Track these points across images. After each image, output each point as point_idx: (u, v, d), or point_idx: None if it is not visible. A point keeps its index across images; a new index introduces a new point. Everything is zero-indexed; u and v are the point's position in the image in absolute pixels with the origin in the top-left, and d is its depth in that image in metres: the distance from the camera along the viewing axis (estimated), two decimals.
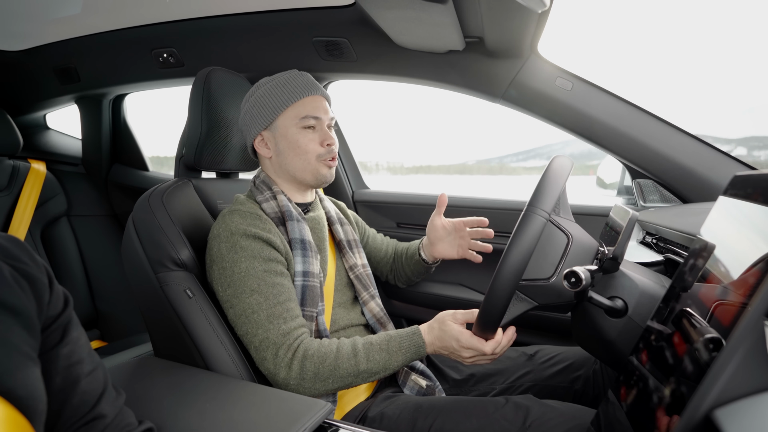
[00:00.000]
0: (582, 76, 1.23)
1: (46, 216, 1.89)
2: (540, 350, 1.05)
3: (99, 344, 1.94)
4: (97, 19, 1.48)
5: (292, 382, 0.80)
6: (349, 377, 0.81)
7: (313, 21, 1.32)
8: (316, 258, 0.93)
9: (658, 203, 1.26)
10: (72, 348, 0.52)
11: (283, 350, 0.81)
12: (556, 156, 0.73)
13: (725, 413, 0.37)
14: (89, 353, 0.55)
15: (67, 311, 0.53)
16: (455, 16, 1.03)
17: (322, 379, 0.80)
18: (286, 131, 0.94)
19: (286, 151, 0.95)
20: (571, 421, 0.74)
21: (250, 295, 0.83)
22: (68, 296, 0.54)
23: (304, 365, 0.80)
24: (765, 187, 0.52)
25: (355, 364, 0.81)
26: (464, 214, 1.54)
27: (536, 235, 0.65)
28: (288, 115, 0.94)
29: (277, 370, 0.80)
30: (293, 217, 0.93)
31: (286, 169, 0.96)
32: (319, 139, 0.95)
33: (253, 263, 0.84)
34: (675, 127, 1.20)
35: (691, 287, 0.55)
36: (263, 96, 0.94)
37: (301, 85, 0.94)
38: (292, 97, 0.93)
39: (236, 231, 0.86)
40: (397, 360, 0.84)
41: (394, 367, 0.84)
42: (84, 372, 0.53)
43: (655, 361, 0.54)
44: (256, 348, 0.83)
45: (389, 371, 0.84)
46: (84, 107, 2.00)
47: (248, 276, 0.84)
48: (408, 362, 0.85)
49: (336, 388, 0.82)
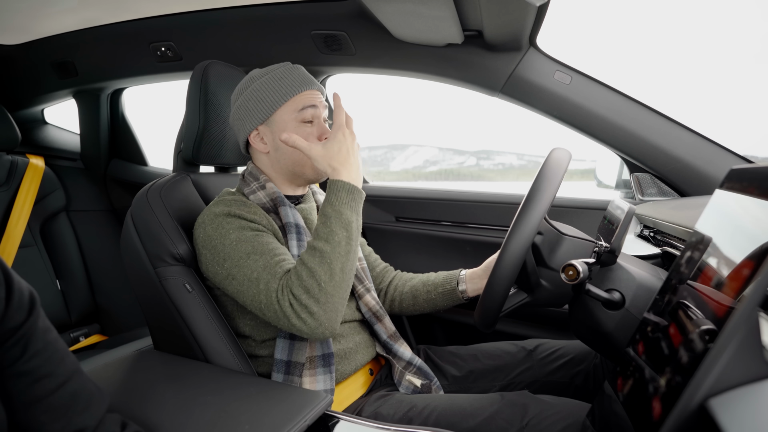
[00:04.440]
0: (581, 70, 1.23)
1: (45, 211, 1.88)
2: (540, 345, 1.04)
3: (99, 338, 1.95)
4: (94, 12, 1.47)
5: (308, 319, 0.75)
6: (330, 265, 0.76)
7: (311, 14, 1.32)
8: None
9: (655, 197, 1.26)
10: (37, 362, 0.47)
11: (280, 294, 0.77)
12: (555, 148, 0.73)
13: (719, 402, 0.37)
14: (61, 361, 0.49)
15: (30, 320, 0.47)
16: (454, 10, 1.02)
17: (316, 290, 0.75)
18: (285, 126, 0.93)
19: (284, 146, 0.94)
20: (568, 417, 0.74)
21: (246, 258, 0.81)
22: (34, 299, 0.48)
23: (295, 295, 0.76)
24: (761, 180, 0.52)
25: (320, 254, 0.77)
26: (464, 208, 1.55)
27: (535, 226, 0.66)
28: (286, 110, 0.92)
29: (290, 318, 0.76)
30: (285, 203, 0.92)
31: (284, 164, 0.95)
32: (317, 133, 0.93)
33: (242, 232, 0.83)
34: (673, 121, 1.20)
35: (688, 279, 0.55)
36: (259, 90, 0.92)
37: (299, 79, 0.93)
38: (291, 92, 0.92)
39: (220, 213, 0.85)
40: (344, 214, 0.79)
41: (350, 220, 0.79)
42: (52, 387, 0.48)
43: (651, 352, 0.55)
44: (266, 306, 0.78)
45: (353, 229, 0.80)
46: (82, 102, 1.99)
47: (240, 242, 0.82)
48: (355, 206, 0.81)
49: (336, 286, 0.76)
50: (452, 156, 6.14)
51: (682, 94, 9.72)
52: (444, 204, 1.55)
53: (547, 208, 0.69)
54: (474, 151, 6.01)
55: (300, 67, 0.96)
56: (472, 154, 6.12)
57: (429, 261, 1.58)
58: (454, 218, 1.54)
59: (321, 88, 0.97)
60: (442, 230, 1.55)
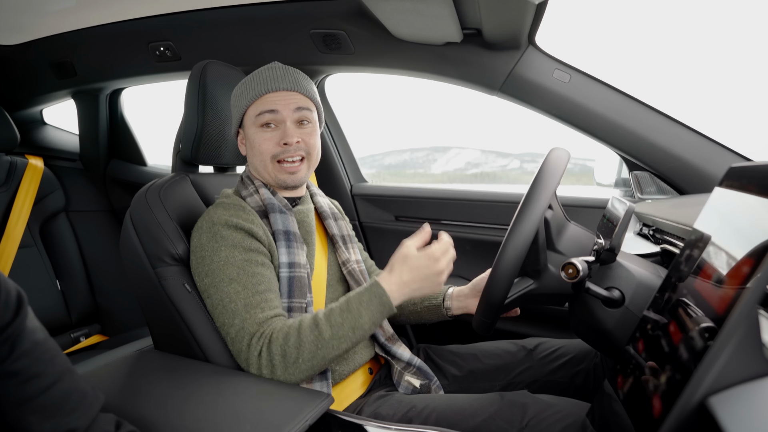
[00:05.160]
0: (580, 68, 1.23)
1: (44, 212, 1.88)
2: (540, 344, 1.03)
3: (100, 338, 1.95)
4: (93, 12, 1.47)
5: (264, 371, 0.76)
6: (317, 350, 0.76)
7: (310, 13, 1.32)
8: (302, 249, 0.91)
9: (654, 195, 1.26)
10: (25, 363, 0.46)
11: (255, 339, 0.78)
12: (554, 147, 0.74)
13: (719, 400, 0.37)
14: (51, 361, 0.49)
15: (18, 320, 0.46)
16: (453, 8, 1.02)
17: (292, 360, 0.75)
18: (248, 129, 0.93)
19: (250, 149, 0.93)
20: (568, 416, 0.74)
21: (228, 284, 0.80)
22: (22, 298, 0.48)
23: (271, 349, 0.76)
24: (760, 178, 0.52)
25: (319, 334, 0.76)
26: (464, 207, 1.55)
27: (540, 213, 0.66)
28: (250, 114, 0.92)
29: (250, 361, 0.77)
30: (275, 209, 0.91)
31: (254, 168, 0.95)
32: (276, 138, 0.90)
33: (233, 252, 0.83)
34: (672, 119, 1.20)
35: (687, 277, 0.55)
36: (235, 93, 0.94)
37: (266, 79, 0.90)
38: (252, 94, 0.90)
39: (218, 221, 0.85)
40: (363, 318, 0.78)
41: (364, 327, 0.78)
42: (41, 387, 0.47)
43: (651, 350, 0.55)
44: (232, 339, 0.80)
45: (360, 334, 0.78)
46: (81, 102, 1.99)
47: (227, 265, 0.82)
48: (378, 318, 0.79)
49: (310, 366, 0.77)
50: (495, 158, 6.04)
51: (682, 93, 9.72)
52: (444, 203, 1.55)
53: (547, 205, 0.70)
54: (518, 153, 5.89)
55: (279, 66, 0.93)
56: (516, 156, 6.00)
57: None
58: (454, 217, 1.54)
59: (302, 88, 0.92)
60: (441, 229, 1.55)
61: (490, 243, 1.46)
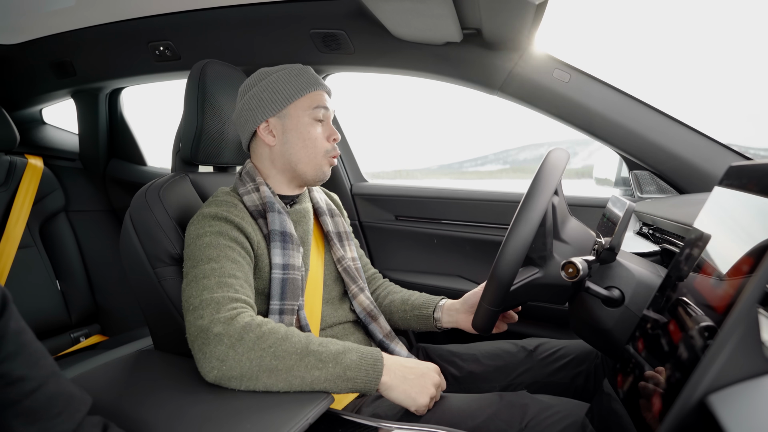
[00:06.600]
0: (580, 68, 1.23)
1: (44, 212, 1.88)
2: (540, 345, 1.03)
3: (100, 338, 1.95)
4: (92, 11, 1.47)
5: (226, 340, 0.69)
6: (294, 355, 0.70)
7: (310, 13, 1.32)
8: (298, 251, 0.90)
9: (654, 194, 1.26)
10: (10, 365, 0.45)
11: (225, 309, 0.73)
12: (554, 149, 0.74)
13: (719, 398, 0.37)
14: (36, 364, 0.48)
15: (1, 321, 0.45)
16: (453, 8, 1.02)
17: (261, 348, 0.70)
18: (298, 121, 0.93)
19: (294, 140, 0.93)
20: (568, 417, 0.74)
21: (206, 263, 0.79)
22: (6, 299, 0.46)
23: (248, 328, 0.71)
24: (760, 177, 0.52)
25: (306, 343, 0.72)
26: (464, 206, 1.55)
27: (550, 194, 0.66)
28: (301, 105, 0.93)
29: (212, 325, 0.70)
30: (274, 209, 0.91)
31: (288, 159, 0.94)
32: (325, 133, 0.95)
33: (217, 238, 0.82)
34: (672, 118, 1.20)
35: (687, 276, 0.56)
36: (275, 83, 0.93)
37: (314, 78, 0.95)
38: (307, 88, 0.93)
39: (207, 214, 0.85)
40: (346, 375, 0.72)
41: (339, 374, 0.71)
42: (26, 390, 0.45)
43: (651, 349, 0.55)
44: (194, 308, 0.73)
45: (324, 375, 0.71)
46: (80, 102, 1.99)
47: (209, 247, 0.81)
48: (353, 383, 0.73)
49: (257, 365, 0.69)
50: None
51: (682, 92, 9.72)
52: (443, 202, 1.55)
53: (555, 189, 0.70)
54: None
55: (312, 68, 0.98)
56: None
57: (428, 260, 1.59)
58: (454, 217, 1.54)
59: (330, 92, 0.98)
60: (441, 229, 1.55)
61: (491, 243, 1.46)
